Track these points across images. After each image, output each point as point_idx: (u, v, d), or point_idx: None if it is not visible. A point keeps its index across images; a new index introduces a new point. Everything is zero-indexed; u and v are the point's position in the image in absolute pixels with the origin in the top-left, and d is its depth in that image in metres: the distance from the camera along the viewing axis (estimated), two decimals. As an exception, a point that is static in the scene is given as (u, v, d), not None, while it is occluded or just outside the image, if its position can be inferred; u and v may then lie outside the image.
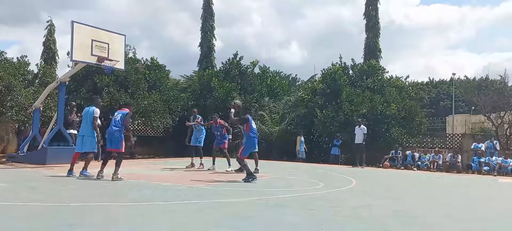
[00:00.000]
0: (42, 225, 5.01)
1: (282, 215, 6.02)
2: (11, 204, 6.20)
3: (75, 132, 14.81)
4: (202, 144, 13.36)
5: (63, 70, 35.99)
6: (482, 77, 33.73)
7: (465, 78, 35.45)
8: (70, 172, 9.71)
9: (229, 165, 12.21)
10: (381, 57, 34.59)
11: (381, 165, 17.74)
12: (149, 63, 21.82)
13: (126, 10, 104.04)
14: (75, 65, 14.14)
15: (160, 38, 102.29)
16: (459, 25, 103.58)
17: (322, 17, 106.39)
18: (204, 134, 13.65)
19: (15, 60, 18.48)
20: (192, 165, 13.17)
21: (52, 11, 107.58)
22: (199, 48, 36.59)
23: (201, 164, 12.98)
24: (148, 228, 5.03)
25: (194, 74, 30.38)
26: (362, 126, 16.92)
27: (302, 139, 19.12)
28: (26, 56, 18.85)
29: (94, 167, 9.79)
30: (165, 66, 22.53)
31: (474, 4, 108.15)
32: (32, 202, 6.40)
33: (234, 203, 6.99)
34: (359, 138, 16.75)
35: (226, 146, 12.83)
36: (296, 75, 36.23)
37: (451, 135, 21.85)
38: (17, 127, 19.12)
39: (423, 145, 20.09)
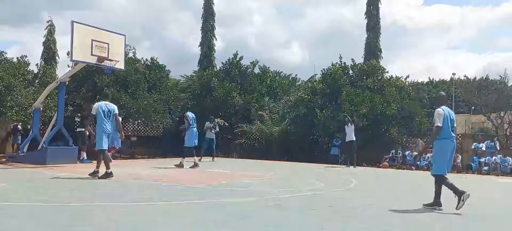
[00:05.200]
0: (42, 225, 5.01)
1: (282, 215, 6.03)
2: (11, 204, 6.20)
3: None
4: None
5: (63, 70, 35.96)
6: (482, 77, 33.67)
7: (465, 78, 35.41)
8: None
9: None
10: (382, 57, 34.68)
11: (380, 165, 17.73)
12: (149, 63, 21.82)
13: (127, 10, 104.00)
14: (75, 65, 14.15)
15: (161, 38, 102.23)
16: (461, 26, 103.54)
17: (324, 17, 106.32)
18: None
19: (15, 60, 18.48)
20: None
21: (53, 11, 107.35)
22: (200, 48, 36.62)
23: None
24: (148, 228, 5.03)
25: (194, 74, 30.39)
26: (350, 124, 16.52)
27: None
28: (26, 56, 18.84)
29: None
30: (165, 66, 22.53)
31: (475, 4, 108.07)
32: (32, 202, 6.40)
33: (234, 203, 7.00)
34: (349, 135, 16.34)
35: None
36: (296, 75, 36.23)
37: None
38: (12, 126, 19.17)
39: (423, 145, 20.05)
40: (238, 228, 5.17)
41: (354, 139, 16.35)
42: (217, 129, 17.83)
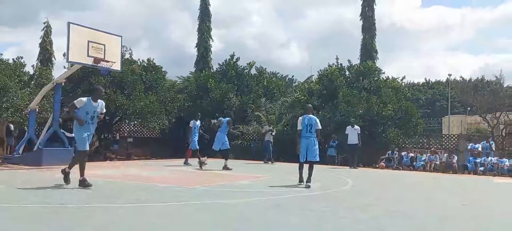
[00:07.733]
0: (40, 227, 4.98)
1: (281, 215, 6.03)
2: (9, 205, 6.17)
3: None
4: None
5: (60, 71, 35.80)
6: (478, 78, 33.92)
7: (461, 79, 35.64)
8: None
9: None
10: (377, 58, 34.78)
11: (377, 166, 17.77)
12: (145, 65, 21.79)
13: (125, 11, 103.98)
14: (71, 67, 14.08)
15: (159, 39, 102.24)
16: (459, 27, 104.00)
17: (323, 18, 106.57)
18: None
19: (10, 61, 18.40)
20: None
21: (53, 12, 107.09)
22: (196, 49, 36.57)
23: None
24: (146, 229, 5.02)
25: (190, 75, 30.37)
26: (355, 126, 16.23)
27: None
28: (22, 57, 18.81)
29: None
30: (161, 67, 22.52)
31: (474, 5, 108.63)
32: (30, 204, 6.37)
33: (233, 204, 6.99)
34: (353, 138, 15.97)
35: None
36: (293, 76, 36.32)
37: (447, 135, 21.95)
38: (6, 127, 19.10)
39: (419, 146, 20.15)
40: (237, 229, 5.16)
41: (357, 143, 15.87)
42: (274, 132, 18.08)
